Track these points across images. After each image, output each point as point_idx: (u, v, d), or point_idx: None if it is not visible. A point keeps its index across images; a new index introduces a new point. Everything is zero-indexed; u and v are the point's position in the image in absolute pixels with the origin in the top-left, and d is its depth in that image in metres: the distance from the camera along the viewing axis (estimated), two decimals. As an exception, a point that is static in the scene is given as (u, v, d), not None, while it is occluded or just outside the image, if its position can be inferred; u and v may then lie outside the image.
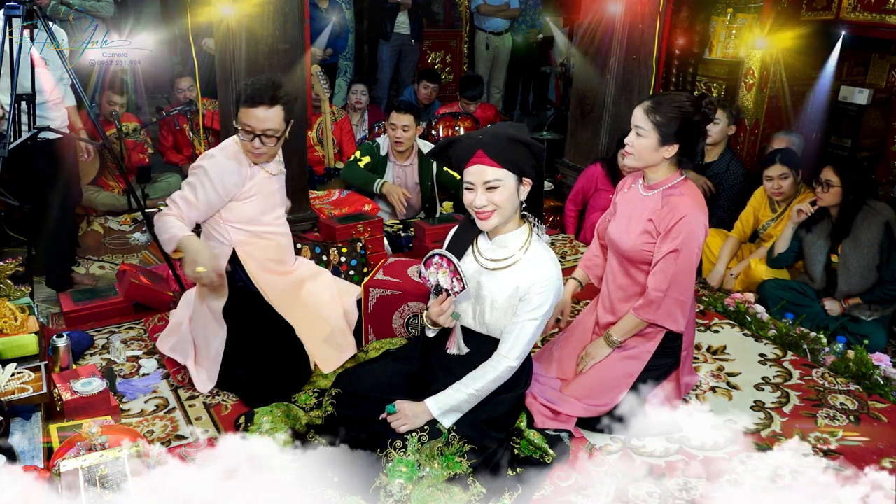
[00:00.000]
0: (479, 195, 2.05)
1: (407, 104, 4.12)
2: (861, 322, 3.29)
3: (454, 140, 2.12)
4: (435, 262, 2.15)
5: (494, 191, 2.04)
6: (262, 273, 2.67)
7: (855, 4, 4.68)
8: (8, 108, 3.10)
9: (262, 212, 2.68)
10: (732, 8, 4.97)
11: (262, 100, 2.49)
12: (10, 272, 2.84)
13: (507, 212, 2.09)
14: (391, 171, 4.24)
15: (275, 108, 2.51)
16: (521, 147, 2.04)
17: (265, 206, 2.68)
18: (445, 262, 2.12)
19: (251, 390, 2.53)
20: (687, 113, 2.29)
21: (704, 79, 5.12)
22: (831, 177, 3.27)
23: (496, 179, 2.03)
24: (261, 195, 2.66)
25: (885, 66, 5.25)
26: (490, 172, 2.03)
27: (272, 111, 2.50)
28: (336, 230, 3.53)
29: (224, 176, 2.55)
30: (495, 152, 2.02)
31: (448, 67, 7.16)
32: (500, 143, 2.03)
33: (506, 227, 2.16)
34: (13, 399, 2.14)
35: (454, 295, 2.14)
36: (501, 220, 2.10)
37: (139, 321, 3.19)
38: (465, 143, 2.07)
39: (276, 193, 2.72)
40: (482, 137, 2.05)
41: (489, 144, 2.03)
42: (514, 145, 2.03)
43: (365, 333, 2.96)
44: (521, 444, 2.25)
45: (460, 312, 2.19)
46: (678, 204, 2.32)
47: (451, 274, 2.12)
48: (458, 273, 2.10)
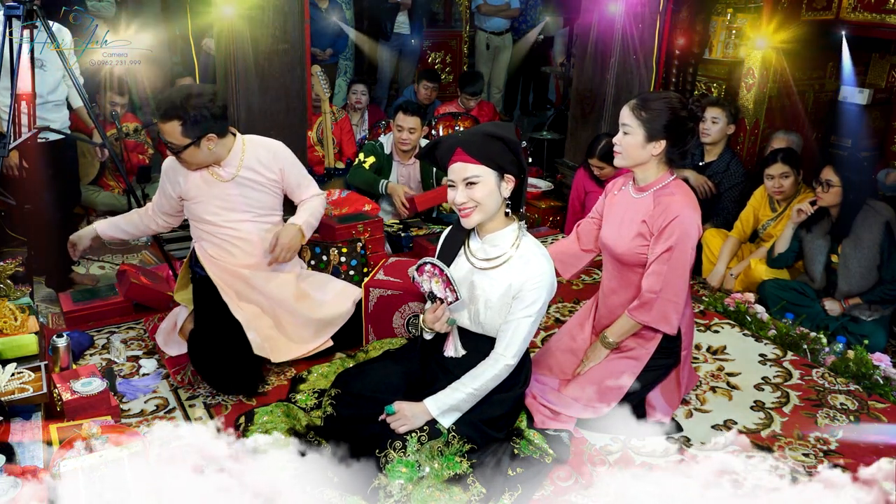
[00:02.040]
0: (459, 192, 2.09)
1: (415, 106, 4.14)
2: (861, 322, 3.29)
3: (438, 142, 2.17)
4: (427, 269, 2.17)
5: (474, 187, 2.07)
6: (211, 266, 2.78)
7: (855, 4, 4.67)
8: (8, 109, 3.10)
9: (213, 213, 2.77)
10: (732, 8, 4.96)
11: (157, 114, 2.62)
12: (10, 272, 2.84)
13: (489, 208, 2.11)
14: (396, 171, 4.26)
15: (169, 124, 2.57)
16: (496, 142, 2.07)
17: (214, 207, 2.76)
18: (438, 272, 2.14)
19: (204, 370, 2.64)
20: (673, 108, 2.29)
21: (704, 79, 5.12)
22: (831, 177, 3.27)
23: (475, 176, 2.07)
24: (205, 197, 2.76)
25: (885, 66, 5.25)
26: (469, 169, 2.07)
27: (167, 126, 2.58)
28: (336, 230, 3.53)
29: (166, 174, 2.82)
30: (473, 149, 2.07)
31: (448, 67, 7.16)
32: (478, 140, 2.08)
33: (494, 226, 2.17)
34: (13, 399, 2.14)
35: (447, 304, 2.16)
36: (484, 216, 2.12)
37: (139, 321, 3.19)
38: (447, 143, 2.13)
39: (229, 197, 2.75)
40: (461, 136, 2.12)
41: (467, 143, 2.08)
42: (490, 141, 2.08)
43: (365, 333, 2.96)
44: (521, 444, 2.25)
45: (455, 318, 2.19)
46: (670, 204, 2.32)
47: (444, 284, 2.14)
48: (451, 283, 2.12)
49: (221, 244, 2.81)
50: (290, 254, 2.80)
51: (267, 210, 2.84)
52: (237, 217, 2.78)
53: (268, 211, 2.84)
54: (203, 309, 2.77)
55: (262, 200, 2.81)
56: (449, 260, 2.25)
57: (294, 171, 2.85)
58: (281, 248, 2.75)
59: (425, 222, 4.22)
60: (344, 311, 2.91)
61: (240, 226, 2.79)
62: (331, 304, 2.91)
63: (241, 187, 2.75)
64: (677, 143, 2.33)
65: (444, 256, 2.26)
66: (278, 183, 2.82)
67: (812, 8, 4.78)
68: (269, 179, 2.79)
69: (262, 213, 2.82)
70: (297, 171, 2.87)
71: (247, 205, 2.78)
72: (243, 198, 2.77)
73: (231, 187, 2.75)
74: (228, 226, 2.79)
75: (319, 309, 2.88)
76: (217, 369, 2.61)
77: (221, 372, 2.61)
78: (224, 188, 2.74)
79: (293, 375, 2.74)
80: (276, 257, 2.77)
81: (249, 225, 2.81)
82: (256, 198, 2.79)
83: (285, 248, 2.76)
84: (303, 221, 2.83)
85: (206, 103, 2.57)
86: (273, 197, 2.84)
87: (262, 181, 2.77)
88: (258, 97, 3.53)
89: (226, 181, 2.74)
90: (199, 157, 2.66)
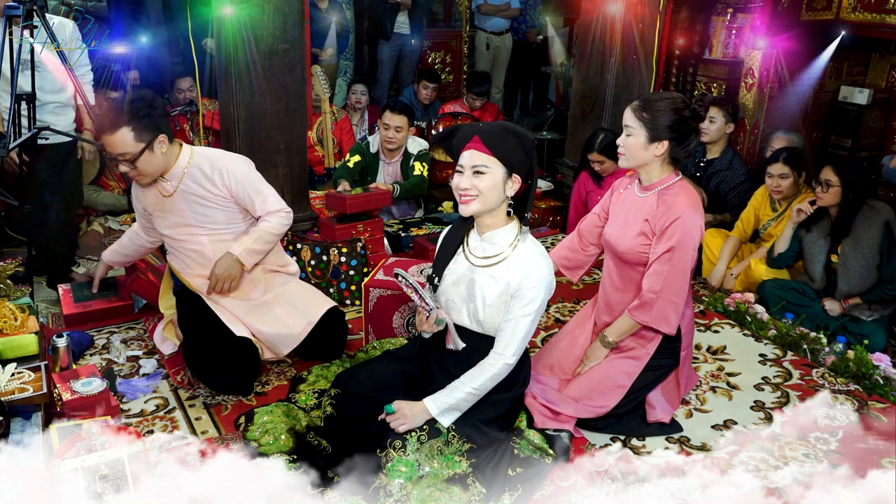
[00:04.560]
0: (465, 177, 2.10)
1: (402, 105, 4.12)
2: (861, 322, 3.29)
3: (457, 127, 2.19)
4: (400, 281, 2.19)
5: (481, 176, 2.08)
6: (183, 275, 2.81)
7: (855, 4, 4.67)
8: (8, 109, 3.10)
9: (168, 227, 2.76)
10: (732, 8, 4.96)
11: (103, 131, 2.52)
12: (10, 272, 2.84)
13: (490, 201, 2.11)
14: (382, 169, 4.27)
15: (118, 133, 2.49)
16: (512, 137, 2.09)
17: (171, 222, 2.74)
18: (406, 284, 2.17)
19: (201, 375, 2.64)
20: (675, 108, 2.30)
21: (704, 79, 5.12)
22: (831, 177, 3.27)
23: (484, 165, 2.07)
24: (162, 212, 2.74)
25: (885, 66, 5.25)
26: (480, 157, 2.08)
27: (116, 137, 2.50)
28: (336, 230, 3.53)
29: (134, 191, 2.84)
30: (489, 139, 2.08)
31: (448, 67, 7.16)
32: (495, 132, 2.10)
33: (494, 224, 2.17)
34: (13, 399, 2.14)
35: (427, 311, 2.18)
36: (482, 207, 2.12)
37: (139, 321, 3.19)
38: (466, 130, 2.15)
39: (180, 212, 2.70)
40: (481, 125, 2.15)
41: (485, 132, 2.10)
42: (506, 135, 2.09)
43: (365, 333, 2.96)
44: (521, 444, 2.25)
45: (444, 318, 2.19)
46: (673, 204, 2.32)
47: (417, 295, 2.16)
48: (419, 293, 2.14)
49: (180, 256, 2.79)
50: (228, 284, 2.67)
51: (220, 224, 2.73)
52: (191, 231, 2.73)
53: (221, 225, 2.73)
54: (187, 316, 2.76)
55: (212, 216, 2.70)
56: (447, 257, 2.25)
57: (244, 188, 2.68)
58: (216, 280, 2.65)
59: (425, 222, 4.22)
60: (295, 332, 2.72)
61: (195, 238, 2.73)
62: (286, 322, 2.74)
63: (187, 202, 2.68)
64: (680, 143, 2.33)
65: (443, 254, 2.26)
66: (226, 199, 2.68)
67: (812, 8, 4.78)
68: (213, 194, 2.66)
69: (216, 227, 2.72)
70: (249, 188, 2.69)
71: (196, 220, 2.70)
72: (192, 213, 2.69)
73: (178, 201, 2.68)
74: (184, 238, 2.75)
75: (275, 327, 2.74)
76: (211, 370, 2.60)
77: (217, 374, 2.60)
78: (172, 202, 2.69)
79: (293, 375, 2.74)
80: (213, 288, 2.66)
81: (204, 238, 2.73)
82: (205, 213, 2.69)
83: (222, 280, 2.65)
84: (242, 249, 2.67)
85: (149, 104, 2.52)
86: (224, 212, 2.71)
87: (206, 195, 2.66)
88: (258, 97, 3.53)
89: (169, 195, 2.68)
90: (155, 164, 2.58)
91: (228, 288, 2.70)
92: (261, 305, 2.77)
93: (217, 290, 2.68)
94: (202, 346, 2.63)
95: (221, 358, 2.61)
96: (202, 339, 2.65)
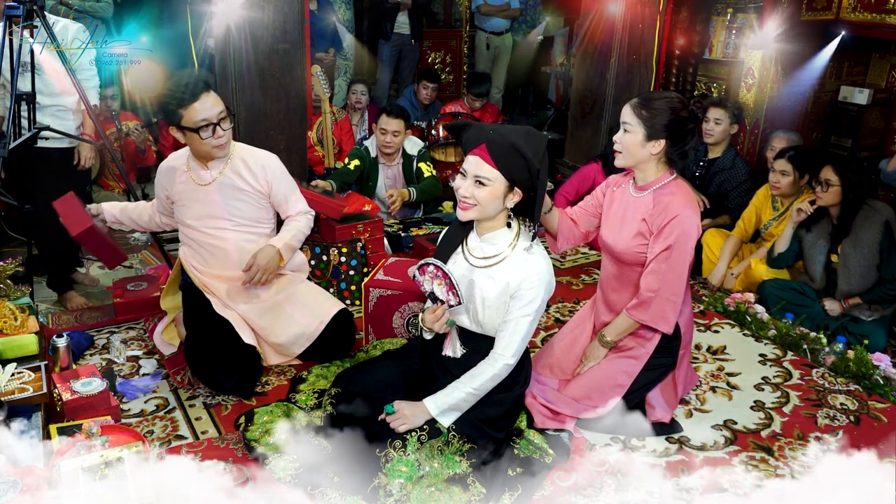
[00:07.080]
0: (466, 184, 2.08)
1: (398, 109, 4.10)
2: (861, 322, 3.29)
3: (469, 125, 2.15)
4: (430, 270, 2.16)
5: (482, 187, 2.07)
6: (193, 273, 2.79)
7: (855, 4, 4.68)
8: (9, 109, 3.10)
9: (194, 217, 2.74)
10: (732, 8, 4.97)
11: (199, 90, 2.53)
12: (10, 272, 2.84)
13: (488, 211, 2.11)
14: (382, 173, 4.26)
15: (212, 93, 2.57)
16: (519, 158, 2.02)
17: (198, 213, 2.73)
18: (441, 274, 2.13)
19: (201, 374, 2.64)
20: (673, 108, 2.30)
21: (704, 79, 5.12)
22: (831, 176, 3.27)
23: (486, 178, 2.05)
24: (190, 202, 2.73)
25: (885, 66, 5.25)
26: (484, 169, 2.05)
27: (211, 95, 2.55)
28: (336, 230, 3.53)
29: (160, 175, 2.84)
30: (496, 153, 2.03)
31: (448, 67, 7.16)
32: (504, 147, 2.03)
33: (493, 225, 2.17)
34: (13, 399, 2.14)
35: (448, 307, 2.16)
36: (479, 215, 2.12)
37: (139, 321, 3.19)
38: (475, 134, 2.09)
39: (211, 203, 2.70)
40: (492, 133, 2.06)
41: (494, 143, 2.04)
42: (514, 154, 2.03)
43: (365, 333, 2.96)
44: (521, 444, 2.25)
45: (455, 319, 2.19)
46: (670, 203, 2.32)
47: (448, 287, 2.13)
48: (454, 287, 2.11)
49: (199, 250, 2.78)
50: (266, 276, 2.67)
51: (249, 221, 2.75)
52: (217, 224, 2.73)
53: (250, 222, 2.76)
54: (193, 314, 2.75)
55: (244, 210, 2.73)
56: (446, 257, 2.25)
57: (282, 187, 2.76)
58: (257, 269, 2.64)
59: (425, 222, 4.22)
60: (308, 331, 2.75)
61: (220, 233, 2.74)
62: (298, 322, 2.76)
63: (223, 193, 2.69)
64: (677, 142, 2.33)
65: (443, 253, 2.26)
66: (263, 195, 2.73)
67: (812, 8, 4.79)
68: (252, 188, 2.70)
69: (244, 223, 2.74)
70: (286, 187, 2.78)
71: (228, 212, 2.71)
72: (225, 205, 2.70)
73: (213, 192, 2.69)
74: (209, 231, 2.74)
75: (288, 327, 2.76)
76: (213, 372, 2.60)
77: (218, 374, 2.60)
78: (206, 192, 2.69)
79: (293, 375, 2.74)
80: (251, 278, 2.65)
81: (230, 233, 2.74)
82: (238, 206, 2.71)
83: (262, 270, 2.65)
84: (283, 244, 2.71)
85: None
86: (256, 208, 2.75)
87: (245, 188, 2.69)
88: (258, 97, 3.53)
89: (206, 183, 2.69)
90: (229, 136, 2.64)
91: (264, 280, 2.70)
92: (273, 306, 2.78)
93: (255, 282, 2.68)
94: (206, 346, 2.63)
95: (225, 361, 2.60)
96: (207, 340, 2.64)
